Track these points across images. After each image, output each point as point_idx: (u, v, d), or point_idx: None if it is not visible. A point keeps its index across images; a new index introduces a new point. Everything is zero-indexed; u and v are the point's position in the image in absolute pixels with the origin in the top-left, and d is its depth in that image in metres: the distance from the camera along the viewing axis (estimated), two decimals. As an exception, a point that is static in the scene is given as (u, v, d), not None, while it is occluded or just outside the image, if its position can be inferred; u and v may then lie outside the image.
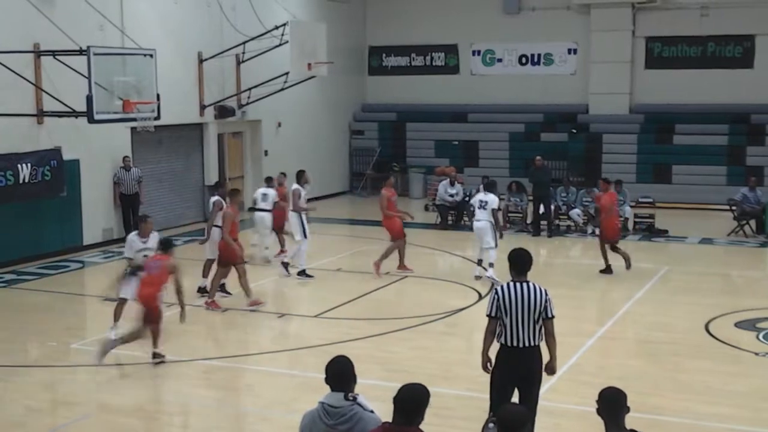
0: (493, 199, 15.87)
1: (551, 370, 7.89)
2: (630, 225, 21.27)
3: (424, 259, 18.01)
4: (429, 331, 12.87)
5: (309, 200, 17.55)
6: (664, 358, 11.54)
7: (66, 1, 17.73)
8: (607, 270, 16.71)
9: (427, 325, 13.09)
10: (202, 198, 21.68)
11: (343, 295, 14.77)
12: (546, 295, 7.59)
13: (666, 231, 21.13)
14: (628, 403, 5.36)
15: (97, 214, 19.21)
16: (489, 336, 7.76)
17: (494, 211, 15.79)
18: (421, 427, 4.96)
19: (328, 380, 5.30)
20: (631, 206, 22.12)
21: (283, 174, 18.72)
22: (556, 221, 21.37)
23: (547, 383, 9.94)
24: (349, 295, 14.94)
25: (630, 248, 19.85)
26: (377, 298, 15.01)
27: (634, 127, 27.12)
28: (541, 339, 7.65)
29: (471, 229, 16.78)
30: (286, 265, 16.36)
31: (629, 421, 5.31)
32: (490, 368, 7.86)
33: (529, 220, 21.77)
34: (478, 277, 15.94)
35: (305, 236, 16.07)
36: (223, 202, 14.56)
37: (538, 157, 21.65)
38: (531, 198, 21.77)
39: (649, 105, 27.41)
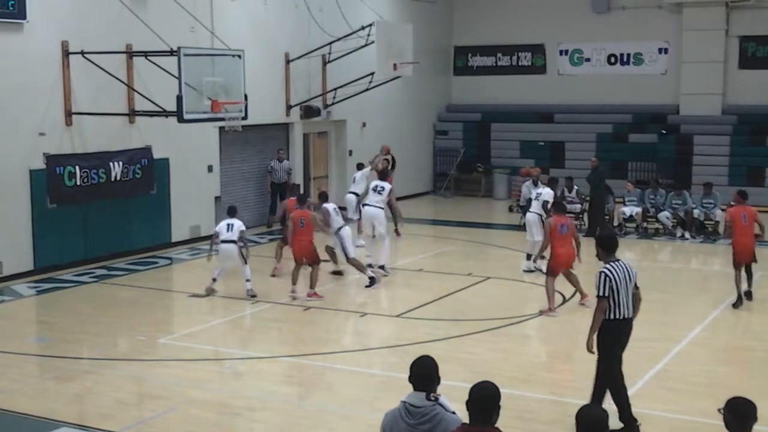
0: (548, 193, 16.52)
1: None
2: (721, 229, 20.77)
3: (507, 261, 17.87)
4: (510, 333, 12.76)
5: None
6: (756, 366, 11.21)
7: (158, 2, 18.10)
8: (739, 301, 14.09)
9: (508, 327, 12.98)
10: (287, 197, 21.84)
11: (425, 296, 14.76)
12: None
13: (758, 235, 20.48)
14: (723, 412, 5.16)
15: (186, 211, 19.55)
16: (601, 315, 8.54)
17: (545, 204, 16.11)
18: (504, 429, 4.90)
19: (411, 379, 5.29)
20: (722, 210, 21.55)
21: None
22: (644, 224, 20.95)
23: (633, 389, 9.76)
24: (431, 295, 14.91)
25: (720, 252, 19.39)
26: (459, 298, 14.93)
27: (726, 129, 26.42)
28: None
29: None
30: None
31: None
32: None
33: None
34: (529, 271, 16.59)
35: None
36: None
37: (593, 158, 21.77)
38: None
39: (742, 106, 26.66)
